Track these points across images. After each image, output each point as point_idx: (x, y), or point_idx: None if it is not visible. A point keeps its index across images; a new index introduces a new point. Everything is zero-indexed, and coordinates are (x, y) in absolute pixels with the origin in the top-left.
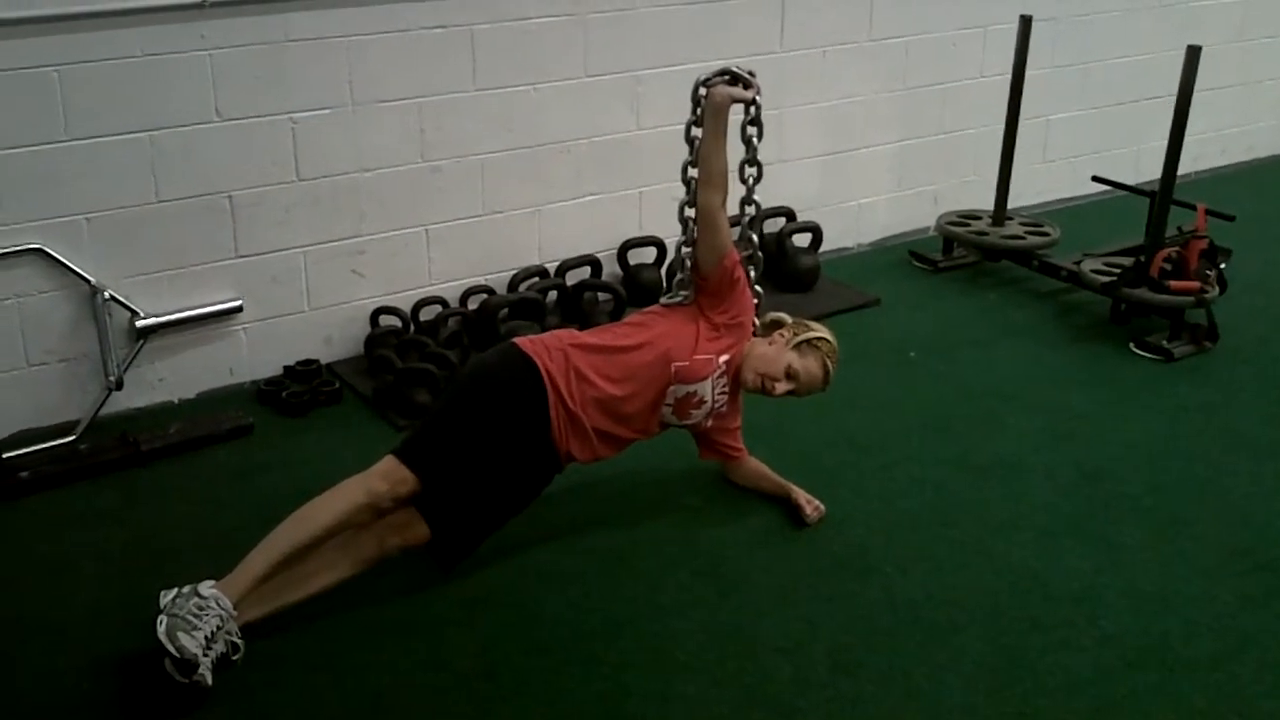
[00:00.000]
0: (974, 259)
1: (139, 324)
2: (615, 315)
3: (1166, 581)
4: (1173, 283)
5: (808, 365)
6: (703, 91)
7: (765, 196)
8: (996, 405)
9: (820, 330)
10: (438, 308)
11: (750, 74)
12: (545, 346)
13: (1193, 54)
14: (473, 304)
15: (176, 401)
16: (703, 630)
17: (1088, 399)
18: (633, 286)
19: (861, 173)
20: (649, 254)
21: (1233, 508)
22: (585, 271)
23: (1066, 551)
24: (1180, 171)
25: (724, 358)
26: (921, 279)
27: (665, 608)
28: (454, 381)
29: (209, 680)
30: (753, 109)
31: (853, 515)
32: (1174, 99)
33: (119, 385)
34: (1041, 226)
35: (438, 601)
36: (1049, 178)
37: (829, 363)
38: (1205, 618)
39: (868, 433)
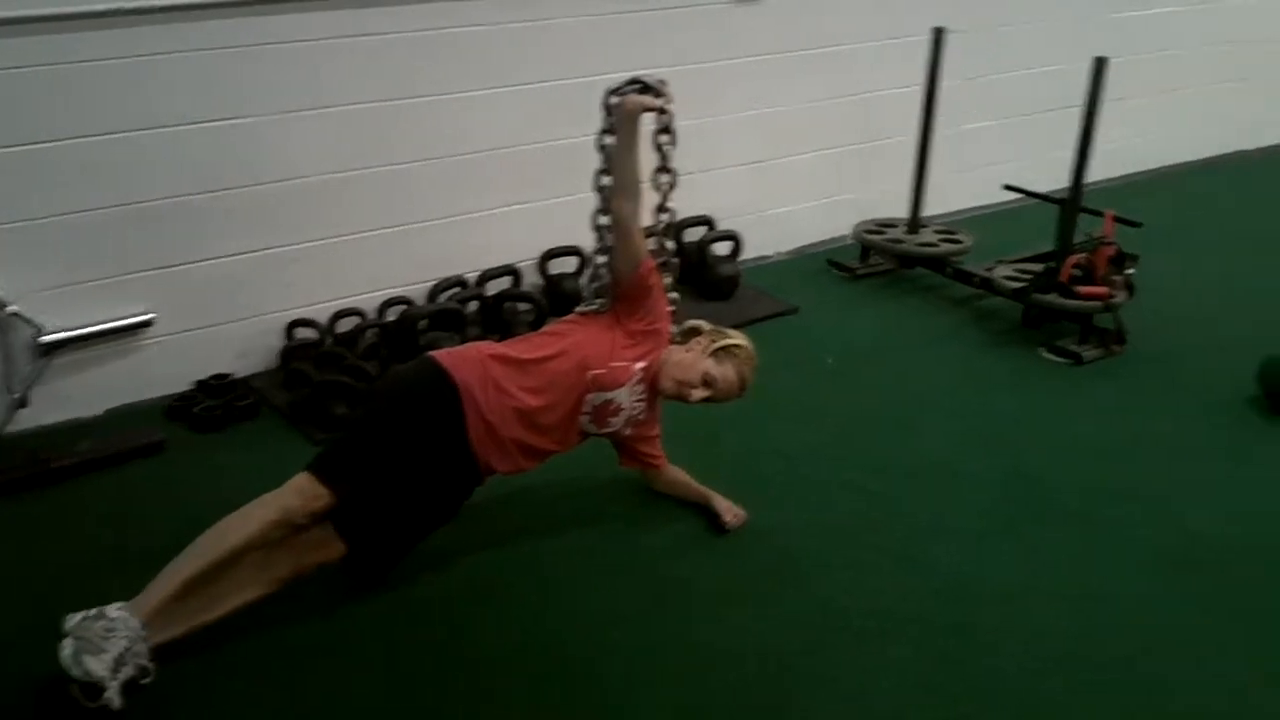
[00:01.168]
0: (890, 266)
1: (42, 340)
2: (536, 325)
3: (1093, 582)
4: (1082, 288)
5: (725, 372)
6: (614, 100)
7: (686, 205)
8: (915, 411)
9: (737, 337)
10: (356, 319)
11: (661, 82)
12: (463, 358)
13: (1099, 65)
14: (391, 315)
15: (87, 418)
16: (636, 639)
17: (1005, 403)
18: (554, 296)
19: (782, 182)
20: (570, 263)
21: (1152, 507)
22: (506, 282)
23: (993, 554)
24: (1090, 179)
25: (641, 365)
26: (840, 287)
27: (596, 618)
28: (370, 395)
29: (117, 703)
30: (664, 117)
31: (780, 523)
32: (1083, 109)
33: (23, 403)
34: (955, 234)
35: (356, 620)
36: (963, 186)
37: (746, 370)
38: (1131, 617)
39: (790, 440)
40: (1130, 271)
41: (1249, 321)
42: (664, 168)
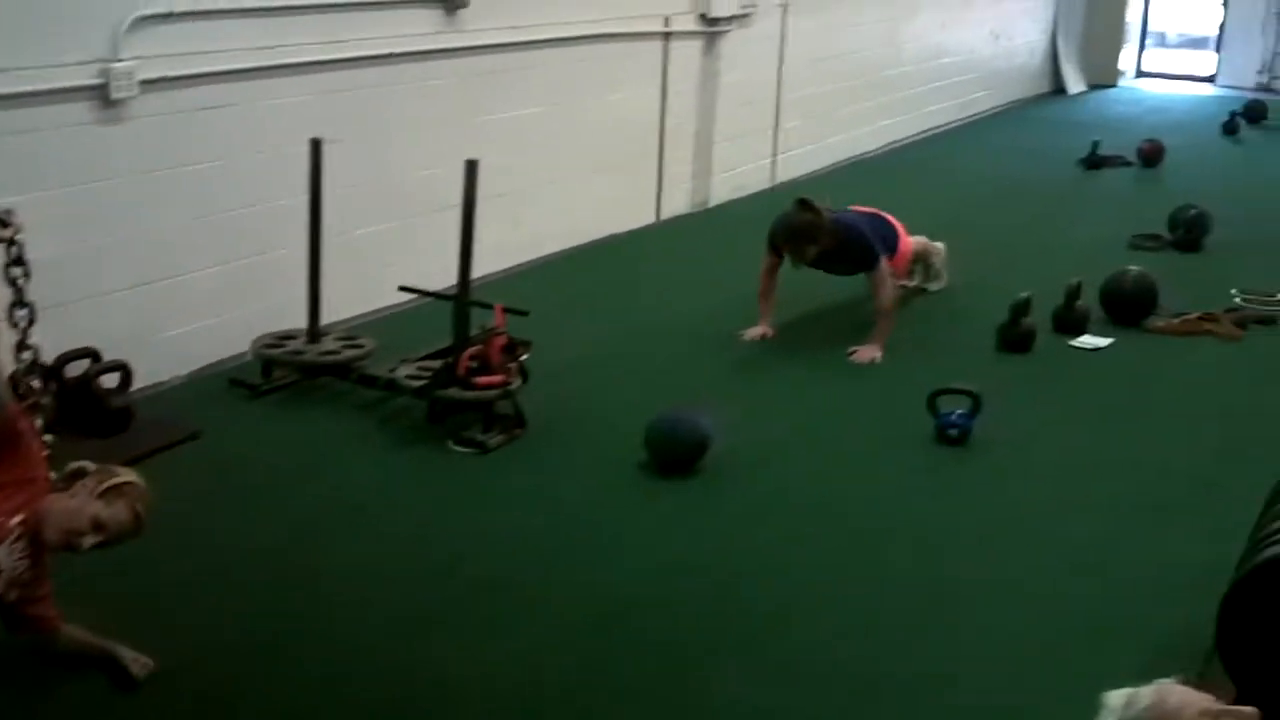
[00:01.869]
0: (295, 378)
1: None
2: None
3: (514, 652)
4: (480, 379)
5: (115, 513)
6: None
7: (66, 338)
8: (334, 523)
9: (126, 474)
10: None
11: (8, 212)
12: None
13: (471, 167)
14: None
15: None
16: None
17: (420, 499)
18: None
19: (172, 303)
20: None
21: (572, 579)
22: None
23: (425, 643)
24: (480, 273)
25: (17, 519)
26: (243, 405)
27: None
28: None
29: None
30: (14, 249)
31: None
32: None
33: None
34: (357, 339)
35: None
36: (361, 291)
37: (139, 506)
38: (563, 677)
39: (203, 570)
40: (524, 357)
41: (632, 392)
42: (19, 302)
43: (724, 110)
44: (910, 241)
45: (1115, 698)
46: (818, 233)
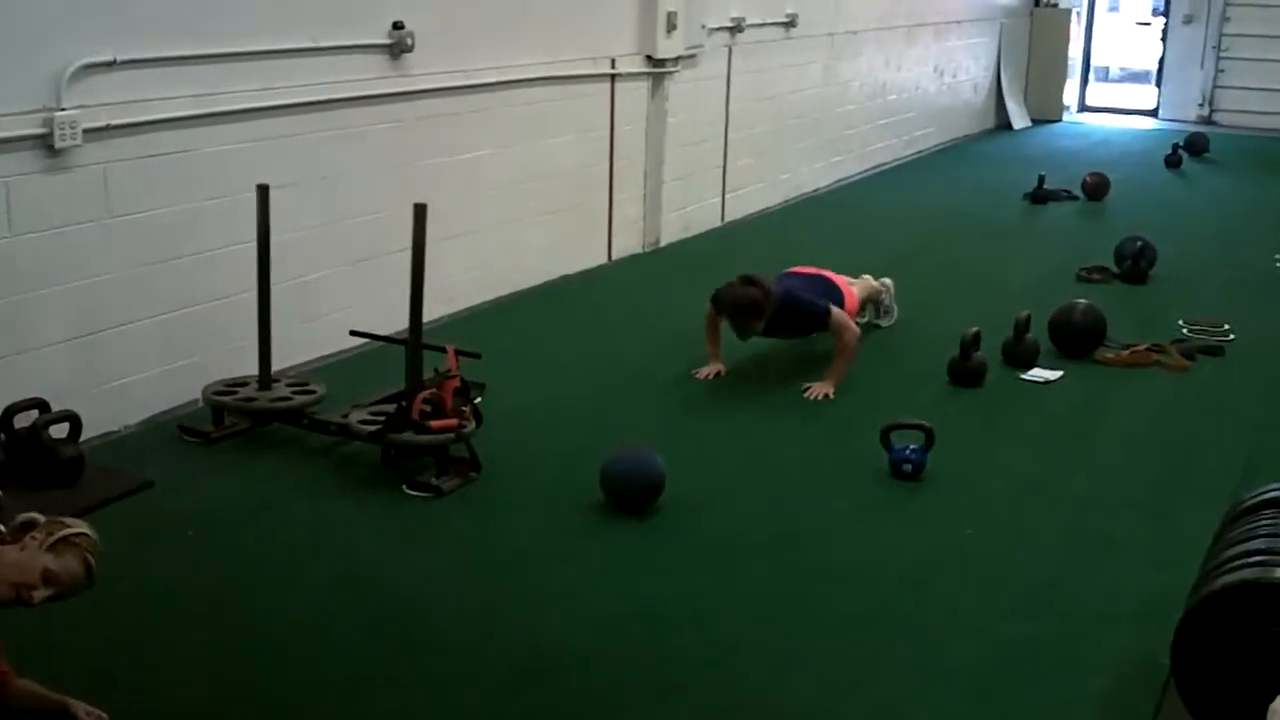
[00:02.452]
0: (246, 425)
1: None
2: None
3: (464, 705)
4: (433, 422)
5: (67, 564)
6: None
7: (12, 388)
8: (286, 571)
9: (77, 525)
10: None
11: None
12: None
13: (420, 211)
14: None
15: None
16: None
17: (374, 545)
18: None
19: (121, 352)
20: None
21: (512, 627)
22: None
23: (366, 696)
24: (431, 316)
25: None
26: (195, 453)
27: None
28: None
29: None
30: None
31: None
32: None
33: None
34: (308, 385)
35: None
36: (312, 336)
37: (90, 558)
38: None
39: (135, 622)
40: (477, 400)
41: (585, 433)
42: None
43: (673, 150)
44: (854, 294)
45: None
46: (763, 308)
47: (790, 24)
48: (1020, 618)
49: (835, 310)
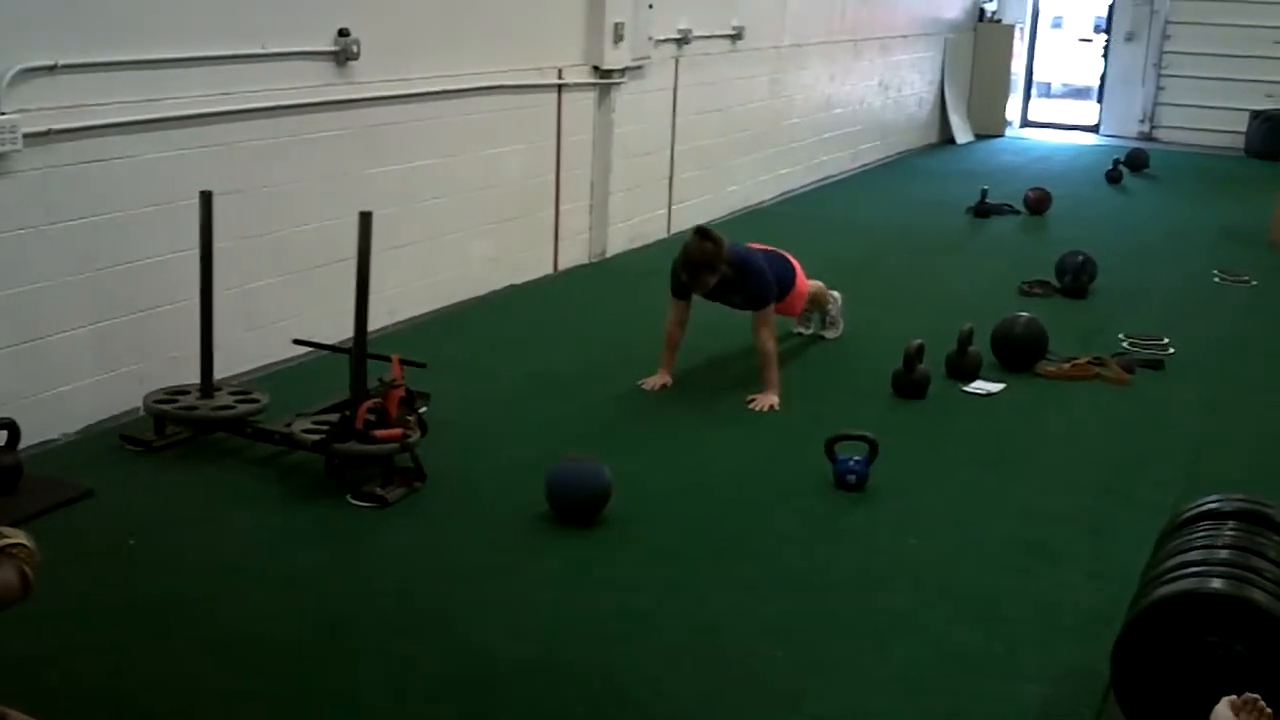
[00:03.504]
0: (188, 434)
1: None
2: None
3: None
4: (378, 432)
5: (3, 576)
6: None
7: None
8: (222, 585)
9: (14, 535)
10: None
11: None
12: None
13: (365, 219)
14: None
15: None
16: None
17: (316, 558)
18: None
19: (58, 360)
20: None
21: (452, 637)
22: None
23: (306, 711)
24: (377, 325)
25: None
26: (137, 462)
27: None
28: None
29: None
30: None
31: None
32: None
33: None
34: (251, 394)
35: None
36: (256, 345)
37: (27, 569)
38: None
39: (74, 634)
40: (423, 410)
41: (531, 443)
42: None
43: (619, 161)
44: (808, 282)
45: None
46: (717, 261)
47: (737, 36)
48: (962, 628)
49: (770, 309)
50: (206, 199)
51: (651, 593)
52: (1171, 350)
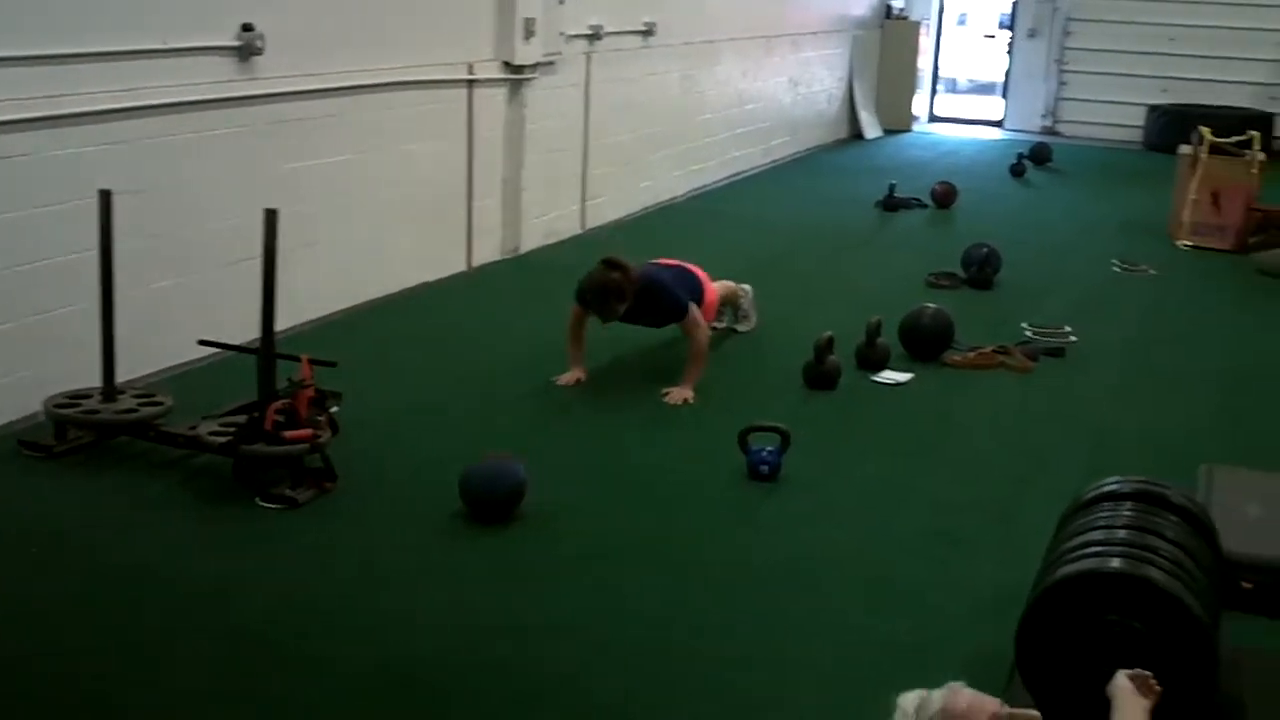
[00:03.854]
0: (90, 439)
1: None
2: None
3: None
4: (287, 433)
5: None
6: None
7: None
8: (128, 595)
9: None
10: None
11: None
12: None
13: (271, 216)
14: None
15: None
16: None
17: (224, 566)
18: None
19: None
20: None
21: (369, 641)
22: None
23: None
24: (286, 325)
25: None
26: (37, 468)
27: None
28: None
29: None
30: None
31: None
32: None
33: None
34: (155, 396)
35: None
36: (160, 346)
37: None
38: None
39: None
40: (334, 409)
41: (444, 441)
42: None
43: (532, 157)
44: (715, 290)
45: (908, 699)
46: (624, 291)
47: (648, 33)
48: (875, 616)
49: (693, 308)
50: (106, 198)
51: (572, 589)
52: (1073, 338)
